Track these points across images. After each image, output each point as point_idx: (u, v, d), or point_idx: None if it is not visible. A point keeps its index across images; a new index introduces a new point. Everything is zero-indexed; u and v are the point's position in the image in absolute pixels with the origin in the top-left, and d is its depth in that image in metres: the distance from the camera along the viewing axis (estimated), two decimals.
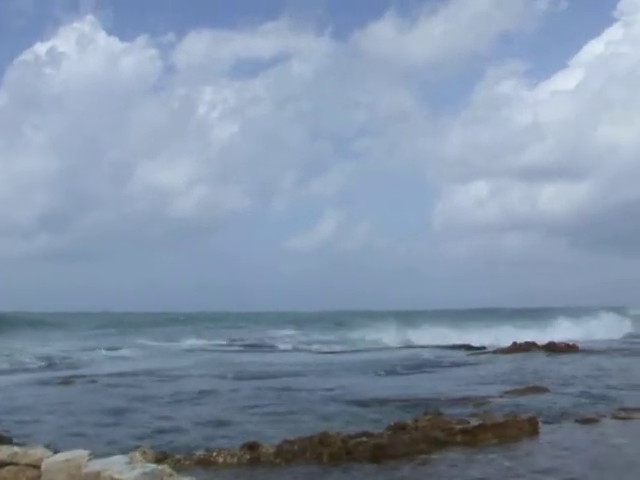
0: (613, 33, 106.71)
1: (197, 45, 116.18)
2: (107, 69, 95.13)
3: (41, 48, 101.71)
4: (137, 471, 3.92)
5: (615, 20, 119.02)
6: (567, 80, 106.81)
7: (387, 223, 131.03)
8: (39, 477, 4.53)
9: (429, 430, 9.66)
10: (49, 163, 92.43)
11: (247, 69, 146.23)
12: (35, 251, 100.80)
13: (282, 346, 34.43)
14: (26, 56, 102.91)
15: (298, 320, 63.09)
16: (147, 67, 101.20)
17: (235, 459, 8.49)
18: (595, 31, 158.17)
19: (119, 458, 4.73)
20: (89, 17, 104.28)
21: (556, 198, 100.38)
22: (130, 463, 4.47)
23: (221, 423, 11.43)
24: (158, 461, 5.67)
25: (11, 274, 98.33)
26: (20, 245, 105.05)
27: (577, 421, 11.09)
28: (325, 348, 32.19)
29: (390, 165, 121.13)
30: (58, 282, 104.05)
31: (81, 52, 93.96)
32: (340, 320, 62.63)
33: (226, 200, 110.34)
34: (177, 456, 8.43)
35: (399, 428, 9.83)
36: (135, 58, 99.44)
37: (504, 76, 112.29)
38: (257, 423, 11.33)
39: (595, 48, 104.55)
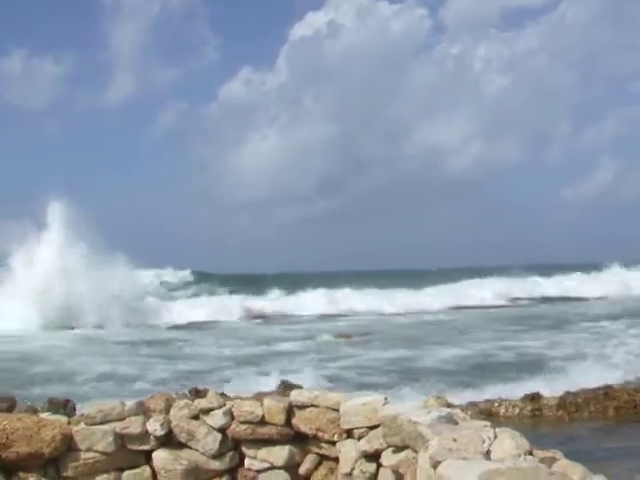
0: None
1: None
2: (379, 34, 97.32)
3: (315, 20, 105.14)
4: (433, 414, 4.12)
5: None
6: None
7: None
8: (337, 419, 4.85)
9: None
10: (327, 131, 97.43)
11: (516, 20, 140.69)
12: (314, 215, 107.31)
13: None
14: (303, 30, 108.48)
15: None
16: (417, 27, 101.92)
17: (517, 410, 8.63)
18: None
19: (413, 403, 4.92)
20: None
21: None
22: (424, 408, 4.67)
23: None
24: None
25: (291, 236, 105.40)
26: (300, 210, 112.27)
27: None
28: None
29: None
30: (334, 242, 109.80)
31: (356, 20, 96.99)
32: None
33: (499, 153, 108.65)
34: (458, 404, 8.77)
35: None
36: (406, 19, 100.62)
37: None
38: None
39: None
